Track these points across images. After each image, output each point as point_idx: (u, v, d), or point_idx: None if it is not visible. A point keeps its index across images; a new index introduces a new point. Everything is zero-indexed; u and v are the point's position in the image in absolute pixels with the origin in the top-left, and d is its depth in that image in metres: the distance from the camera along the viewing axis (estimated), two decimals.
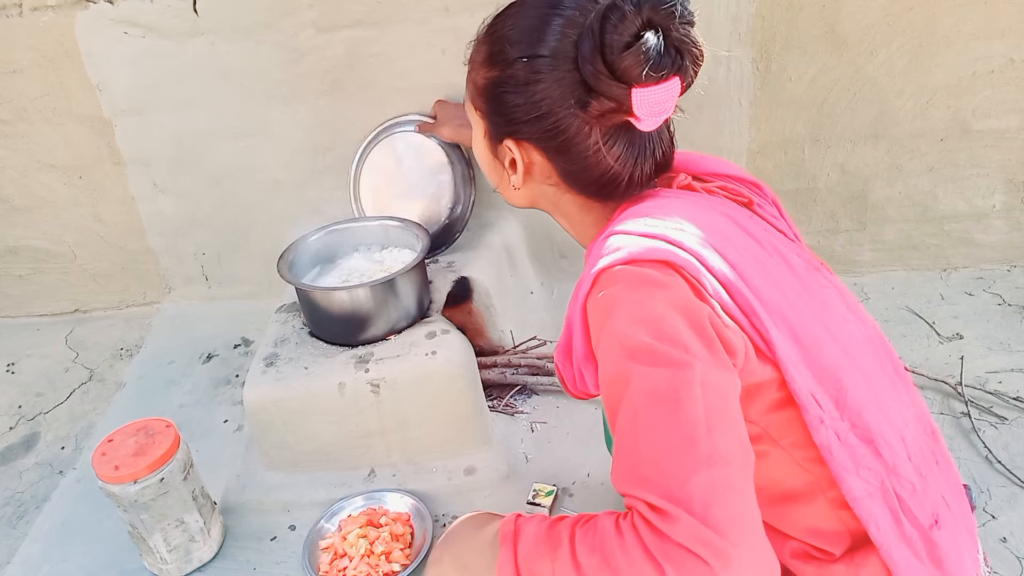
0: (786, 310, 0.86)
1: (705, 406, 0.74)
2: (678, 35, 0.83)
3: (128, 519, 1.42)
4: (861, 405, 0.87)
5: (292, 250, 1.69)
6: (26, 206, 2.20)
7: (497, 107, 0.93)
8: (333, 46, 1.90)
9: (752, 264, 0.87)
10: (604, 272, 0.83)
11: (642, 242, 0.83)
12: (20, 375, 2.16)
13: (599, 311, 0.82)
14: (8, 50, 1.98)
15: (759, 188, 1.06)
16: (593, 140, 0.88)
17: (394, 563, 1.44)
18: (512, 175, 0.97)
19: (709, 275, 0.82)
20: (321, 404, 1.56)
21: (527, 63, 0.88)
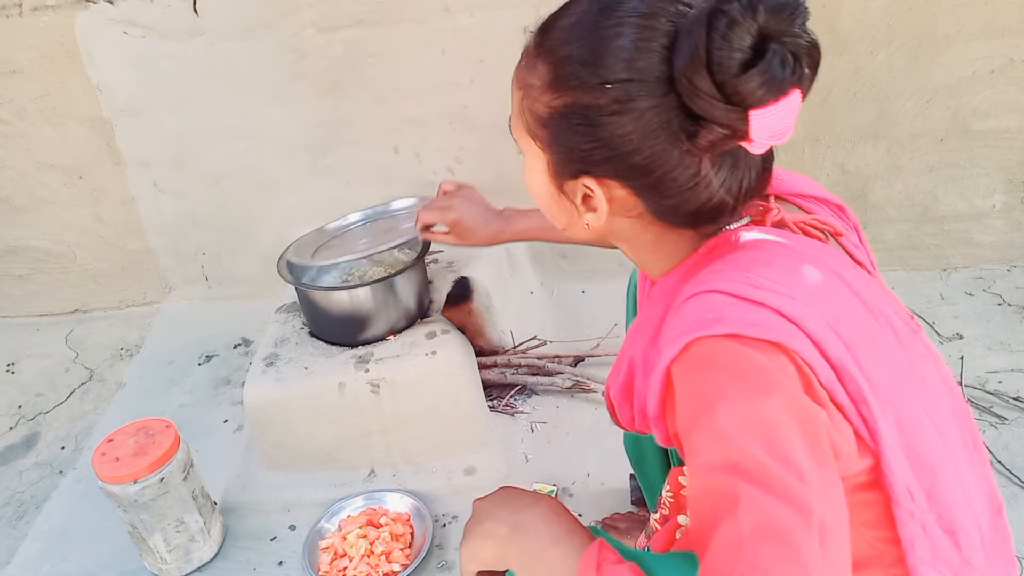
0: (893, 394, 0.76)
1: (823, 559, 0.63)
2: (798, 40, 0.68)
3: (128, 519, 1.42)
4: (950, 496, 0.80)
5: (292, 250, 1.69)
6: (26, 206, 2.20)
7: (568, 140, 0.76)
8: (333, 46, 1.90)
9: (865, 341, 0.76)
10: (701, 342, 0.70)
11: (750, 312, 0.70)
12: (20, 375, 2.16)
13: (695, 395, 0.70)
14: (8, 50, 1.98)
15: (843, 212, 0.93)
16: (695, 171, 0.73)
17: (394, 563, 1.44)
18: (587, 213, 0.80)
19: (823, 361, 0.71)
20: (321, 404, 1.56)
21: (608, 90, 0.71)
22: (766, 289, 0.72)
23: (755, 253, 0.78)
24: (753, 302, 0.71)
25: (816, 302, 0.73)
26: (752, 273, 0.73)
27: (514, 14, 1.82)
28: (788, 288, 0.73)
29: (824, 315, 0.73)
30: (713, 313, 0.71)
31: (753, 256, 0.77)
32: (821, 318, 0.72)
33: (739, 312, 0.70)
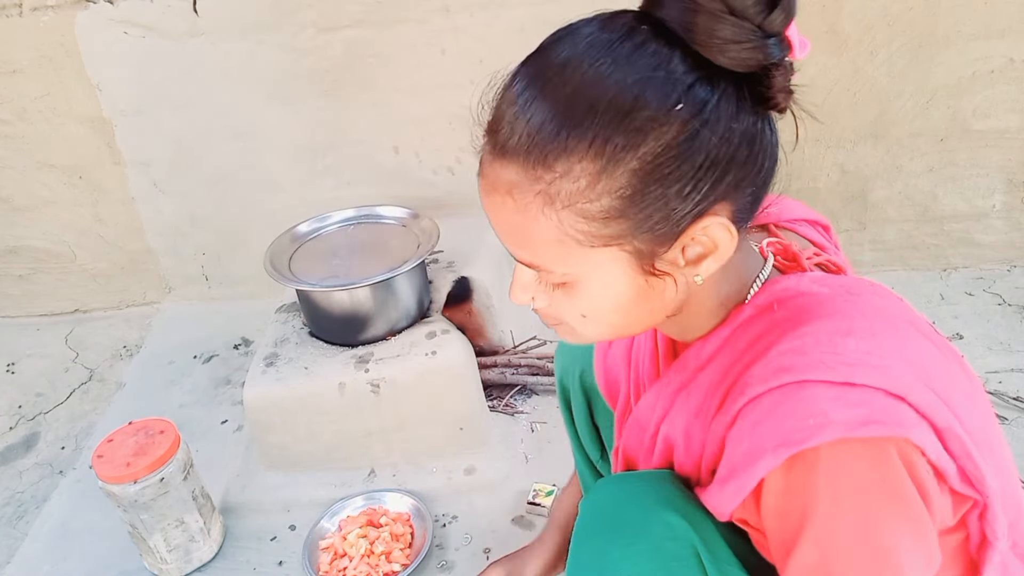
0: (985, 435, 0.70)
1: None
2: None
3: (128, 519, 1.42)
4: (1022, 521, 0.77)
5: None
6: (26, 206, 2.20)
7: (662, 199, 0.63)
8: (333, 46, 1.90)
9: (951, 386, 0.68)
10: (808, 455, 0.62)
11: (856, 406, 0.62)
12: (20, 375, 2.17)
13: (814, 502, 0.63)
14: (8, 50, 1.98)
15: (827, 231, 0.89)
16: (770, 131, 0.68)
17: (394, 563, 1.44)
18: (695, 268, 0.68)
19: (932, 434, 0.65)
20: (321, 404, 1.56)
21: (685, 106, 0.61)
22: (862, 364, 0.63)
23: (824, 314, 0.68)
24: (854, 385, 0.63)
25: (907, 362, 0.66)
26: (838, 344, 0.65)
27: (513, 14, 1.82)
28: (878, 355, 0.65)
29: (918, 375, 0.65)
30: (815, 416, 0.62)
31: (824, 318, 0.68)
32: (918, 380, 0.65)
33: (843, 409, 0.62)
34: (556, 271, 0.67)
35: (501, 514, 1.54)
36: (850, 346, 0.65)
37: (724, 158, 0.62)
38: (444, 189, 2.07)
